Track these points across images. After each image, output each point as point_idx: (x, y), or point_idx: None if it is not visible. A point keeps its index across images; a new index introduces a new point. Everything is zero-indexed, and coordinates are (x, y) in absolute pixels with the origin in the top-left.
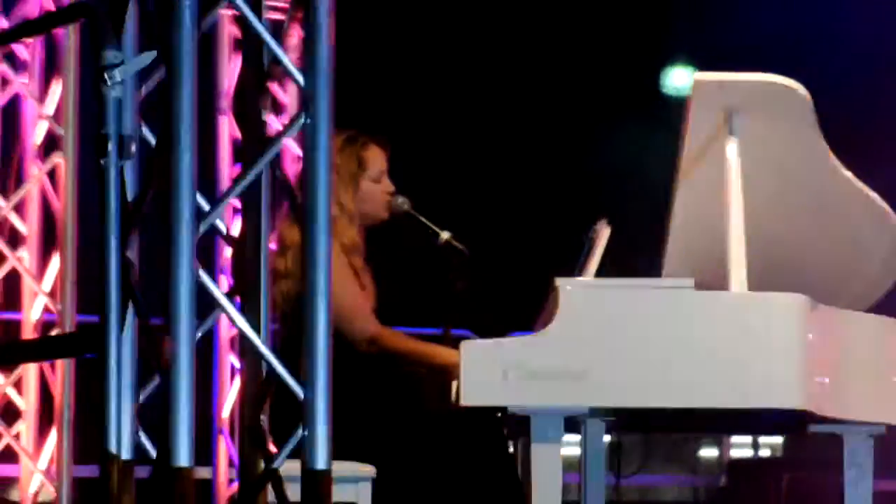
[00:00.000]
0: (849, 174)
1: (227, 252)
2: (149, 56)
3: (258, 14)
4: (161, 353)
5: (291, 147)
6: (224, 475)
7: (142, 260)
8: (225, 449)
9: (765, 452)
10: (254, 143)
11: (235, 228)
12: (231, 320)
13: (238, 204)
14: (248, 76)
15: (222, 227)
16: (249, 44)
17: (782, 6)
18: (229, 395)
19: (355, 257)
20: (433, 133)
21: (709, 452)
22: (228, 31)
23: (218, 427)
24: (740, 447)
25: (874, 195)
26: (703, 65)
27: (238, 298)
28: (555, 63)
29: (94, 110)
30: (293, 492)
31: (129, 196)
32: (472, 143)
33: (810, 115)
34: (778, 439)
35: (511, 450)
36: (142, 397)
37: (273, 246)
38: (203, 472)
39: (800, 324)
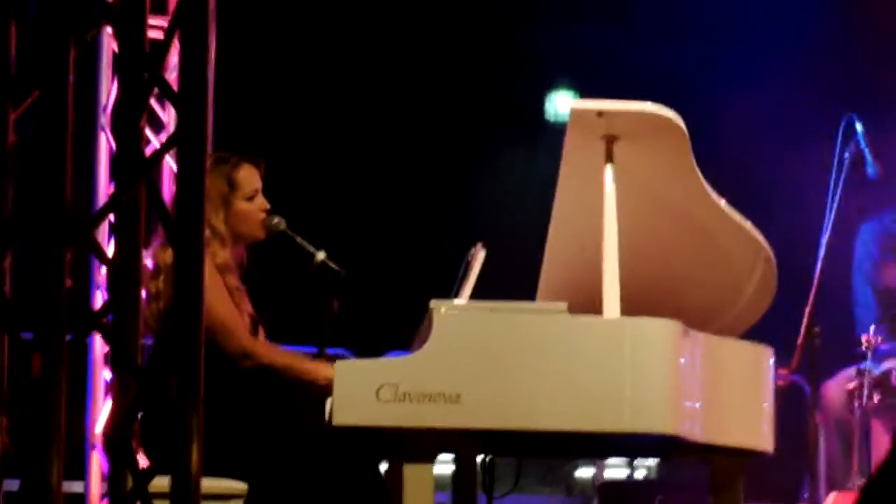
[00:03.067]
0: (723, 203)
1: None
2: None
3: (139, 32)
4: (31, 369)
5: (173, 166)
6: (97, 490)
7: (15, 275)
8: (98, 464)
9: (640, 474)
10: (130, 161)
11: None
12: (102, 336)
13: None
14: (126, 93)
15: (101, 244)
16: (128, 61)
17: (666, 37)
18: (103, 410)
19: (229, 277)
20: (313, 152)
21: (584, 473)
22: (111, 46)
23: (91, 442)
24: (616, 468)
25: (748, 225)
26: (586, 91)
27: (112, 315)
28: (438, 85)
29: None
30: None
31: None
32: (352, 163)
33: (686, 145)
34: (653, 460)
35: (382, 469)
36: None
37: (149, 264)
38: (76, 487)
39: (672, 349)
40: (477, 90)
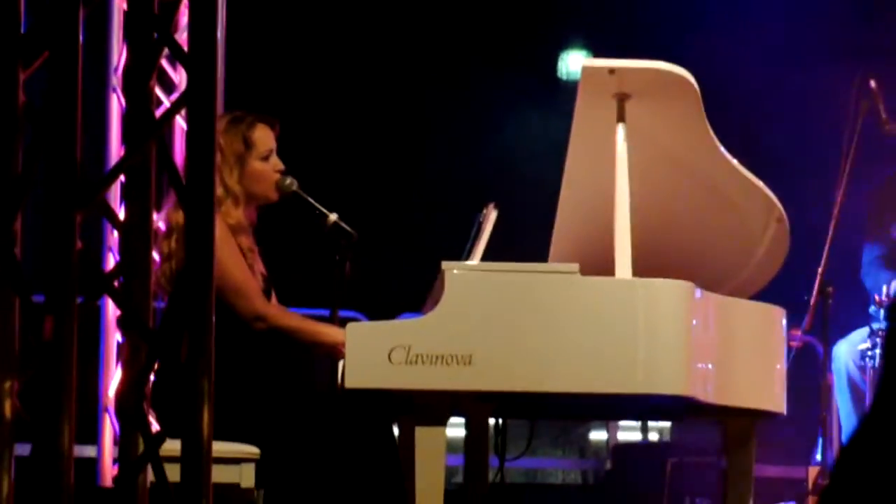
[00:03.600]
0: (736, 163)
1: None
2: None
3: None
4: (42, 332)
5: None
6: (109, 454)
7: (25, 238)
8: (110, 428)
9: (653, 436)
10: (141, 122)
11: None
12: (112, 299)
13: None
14: (135, 54)
15: (113, 207)
16: (137, 21)
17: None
18: (115, 374)
19: (242, 237)
20: (324, 113)
21: (597, 436)
22: (121, 6)
23: (103, 406)
24: (628, 430)
25: (761, 185)
26: (599, 50)
27: (122, 278)
28: (449, 46)
29: None
30: (174, 472)
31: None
32: (364, 124)
33: (699, 103)
34: (666, 423)
35: (395, 431)
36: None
37: (161, 226)
38: (88, 451)
39: (684, 310)
40: (489, 49)
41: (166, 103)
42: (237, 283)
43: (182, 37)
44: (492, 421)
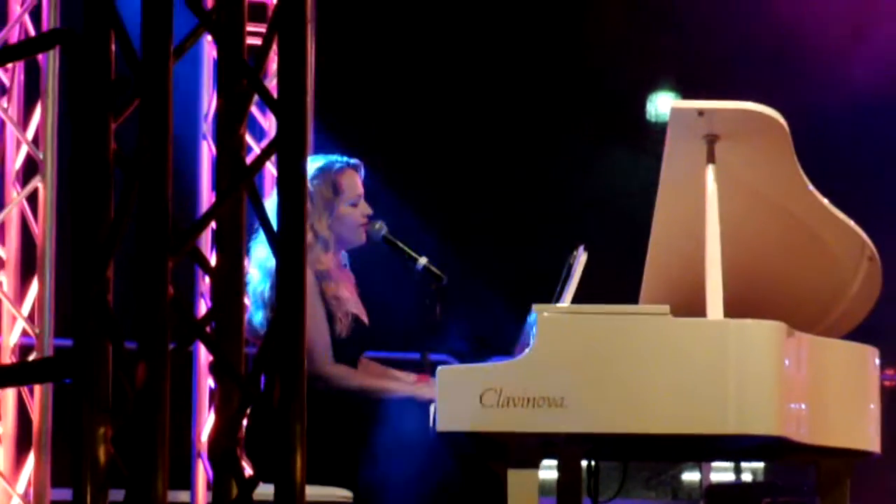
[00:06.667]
0: (826, 202)
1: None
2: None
3: (238, 39)
4: (136, 378)
5: (274, 172)
6: (203, 499)
7: (119, 285)
8: (203, 473)
9: (747, 477)
10: (231, 168)
11: None
12: (204, 344)
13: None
14: (226, 101)
15: (204, 253)
16: (228, 68)
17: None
18: (208, 419)
19: (328, 284)
20: (414, 158)
21: (690, 476)
22: (211, 55)
23: (197, 451)
24: (722, 471)
25: (852, 223)
26: (688, 92)
27: (214, 323)
28: (540, 89)
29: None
30: None
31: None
32: (453, 166)
33: (788, 143)
34: (760, 464)
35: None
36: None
37: (253, 272)
38: (182, 497)
39: (777, 350)
40: (579, 91)
41: (256, 150)
42: (308, 338)
43: (272, 83)
44: (584, 463)
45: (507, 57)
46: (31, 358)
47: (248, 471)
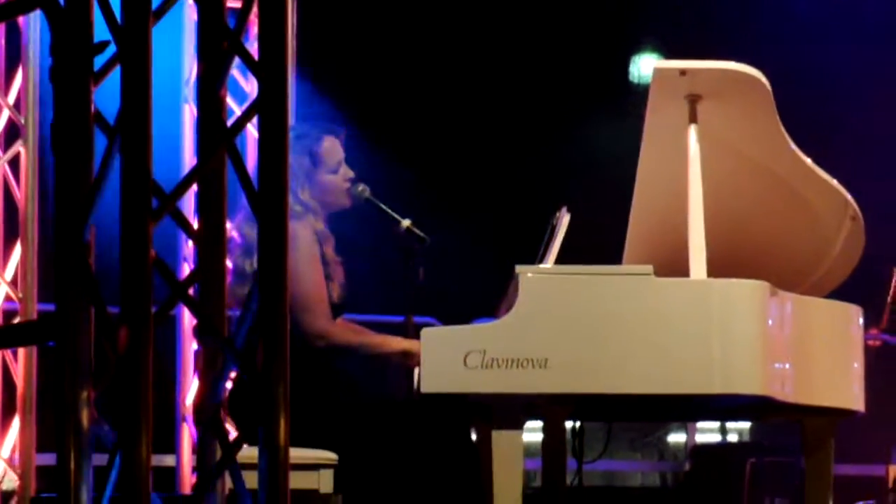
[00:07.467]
0: (809, 161)
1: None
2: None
3: (219, 1)
4: (118, 342)
5: (255, 134)
6: (188, 463)
7: (102, 249)
8: (189, 437)
9: (732, 437)
10: (213, 131)
11: None
12: (187, 307)
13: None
14: (206, 63)
15: (187, 217)
16: (208, 31)
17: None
18: (192, 383)
19: (328, 247)
20: (395, 118)
21: (675, 437)
22: (192, 18)
23: (181, 415)
24: (707, 432)
25: (835, 182)
26: (671, 53)
27: (197, 286)
28: (522, 52)
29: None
30: (252, 479)
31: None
32: (436, 129)
33: (770, 103)
34: (745, 424)
35: (473, 436)
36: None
37: (235, 235)
38: (168, 460)
39: (760, 310)
40: (561, 54)
41: (238, 112)
42: (306, 297)
43: (253, 46)
44: (569, 424)
45: (489, 20)
46: (15, 322)
47: (233, 433)
